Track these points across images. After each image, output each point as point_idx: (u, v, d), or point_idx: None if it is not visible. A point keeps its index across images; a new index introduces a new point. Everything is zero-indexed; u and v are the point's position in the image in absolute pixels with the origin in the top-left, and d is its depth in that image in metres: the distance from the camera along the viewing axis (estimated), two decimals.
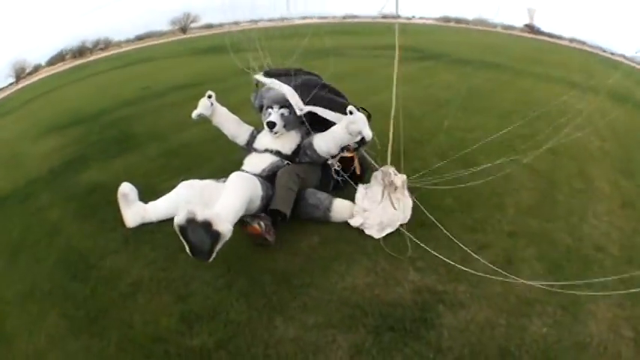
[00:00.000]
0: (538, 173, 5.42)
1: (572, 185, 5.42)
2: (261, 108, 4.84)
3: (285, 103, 4.59)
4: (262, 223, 3.86)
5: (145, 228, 4.23)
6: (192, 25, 43.74)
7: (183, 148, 6.52)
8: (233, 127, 4.93)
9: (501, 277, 3.48)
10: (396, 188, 4.23)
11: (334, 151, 4.41)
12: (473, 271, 3.57)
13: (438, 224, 4.03)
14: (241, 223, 3.73)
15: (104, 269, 3.75)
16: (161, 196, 4.40)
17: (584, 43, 38.73)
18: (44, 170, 6.23)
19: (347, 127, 4.09)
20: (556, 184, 5.33)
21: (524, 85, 11.73)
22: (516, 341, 3.04)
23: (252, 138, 4.84)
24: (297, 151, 4.62)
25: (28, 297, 3.54)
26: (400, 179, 4.27)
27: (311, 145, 4.46)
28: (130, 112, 9.56)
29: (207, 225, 3.13)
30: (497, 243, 4.12)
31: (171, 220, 3.36)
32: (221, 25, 37.84)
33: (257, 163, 4.47)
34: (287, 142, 4.63)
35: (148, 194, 4.41)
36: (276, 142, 4.61)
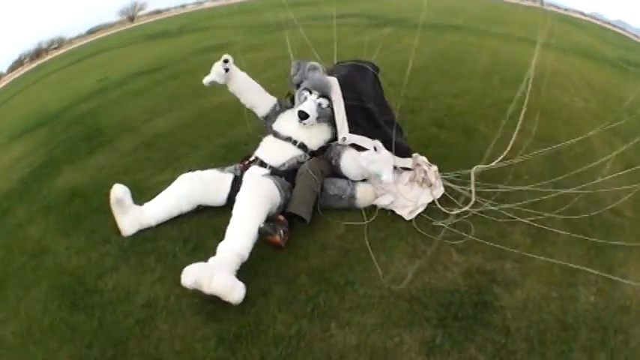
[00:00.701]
0: (541, 138, 4.87)
1: (574, 149, 5.10)
2: (298, 84, 4.15)
3: (326, 93, 3.97)
4: (282, 231, 3.32)
5: (143, 235, 3.54)
6: (140, 12, 42.40)
7: (160, 137, 5.73)
8: (254, 96, 4.19)
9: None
10: (430, 185, 3.92)
11: (358, 178, 3.88)
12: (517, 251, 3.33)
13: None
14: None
15: (107, 291, 3.05)
16: (151, 194, 3.74)
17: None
18: (14, 181, 5.35)
19: (366, 165, 3.57)
20: (559, 149, 4.85)
21: (492, 45, 11.50)
22: (572, 312, 2.93)
23: (274, 114, 4.15)
24: (325, 147, 4.01)
25: (28, 338, 2.80)
26: (433, 173, 3.98)
27: (339, 157, 3.84)
28: (92, 106, 8.54)
29: (216, 297, 2.73)
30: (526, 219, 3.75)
31: (172, 220, 3.31)
32: (168, 10, 36.94)
33: (276, 154, 3.85)
34: (315, 136, 3.99)
35: (135, 194, 3.68)
36: (302, 133, 3.94)
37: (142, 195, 3.79)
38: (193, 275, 2.69)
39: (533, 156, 4.31)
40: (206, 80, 4.01)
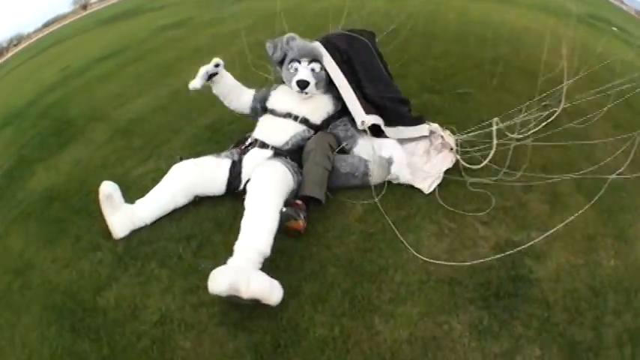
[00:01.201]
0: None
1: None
2: (281, 61, 3.70)
3: (316, 57, 3.58)
4: (302, 216, 2.93)
5: (138, 236, 3.05)
6: (92, 0, 40.72)
7: (135, 123, 5.13)
8: (236, 98, 3.79)
9: None
10: (451, 149, 3.54)
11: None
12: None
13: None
14: None
15: (110, 309, 2.56)
16: (137, 188, 3.37)
17: None
18: None
19: (379, 162, 3.31)
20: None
21: (460, 4, 10.86)
22: (598, 278, 2.77)
23: (262, 98, 3.73)
24: (329, 120, 3.60)
25: None
26: (449, 136, 3.65)
27: (354, 143, 3.51)
28: (58, 97, 7.74)
29: (255, 300, 2.31)
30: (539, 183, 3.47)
31: (168, 217, 3.05)
32: None
33: (277, 131, 3.42)
34: (317, 109, 3.58)
35: (121, 190, 3.14)
36: (303, 106, 3.54)
37: (127, 190, 3.27)
38: (226, 280, 2.28)
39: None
40: (191, 85, 3.51)
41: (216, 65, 3.51)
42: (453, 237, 2.97)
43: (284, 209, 2.80)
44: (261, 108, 3.70)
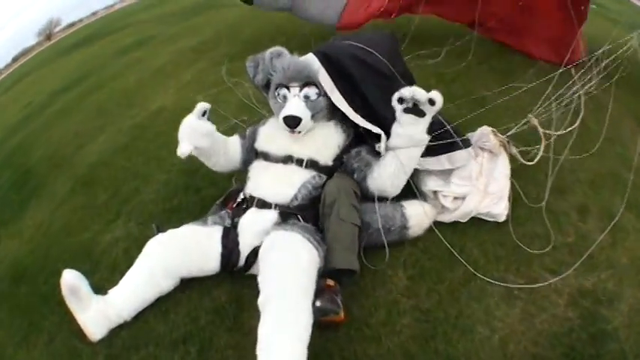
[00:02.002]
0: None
1: None
2: (266, 85, 2.68)
3: (309, 78, 2.53)
4: (339, 301, 2.08)
5: (120, 338, 2.16)
6: (57, 29, 39.29)
7: (96, 170, 4.11)
8: (223, 153, 2.68)
9: None
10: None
11: (397, 191, 2.48)
12: None
13: None
14: None
15: None
16: (107, 263, 2.66)
17: None
18: None
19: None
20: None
21: None
22: None
23: (252, 141, 2.71)
24: (342, 155, 2.57)
25: None
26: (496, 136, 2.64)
27: (369, 170, 2.46)
28: (19, 139, 6.75)
29: None
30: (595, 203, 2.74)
31: (152, 308, 2.22)
32: (81, 21, 34.03)
33: (279, 184, 2.44)
34: (325, 144, 2.55)
35: (88, 265, 2.54)
36: (306, 144, 2.53)
37: (96, 266, 2.62)
38: None
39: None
40: (181, 152, 2.46)
41: (204, 113, 2.52)
42: (524, 298, 2.16)
43: (317, 303, 1.97)
44: (250, 152, 2.72)
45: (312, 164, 2.47)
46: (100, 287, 2.26)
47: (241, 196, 2.51)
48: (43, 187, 4.34)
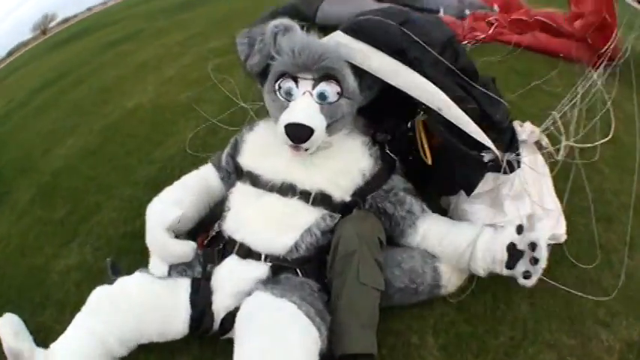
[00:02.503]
0: None
1: None
2: (263, 72, 1.83)
3: (331, 71, 1.70)
4: None
5: None
6: (52, 24, 38.51)
7: (59, 178, 3.52)
8: (204, 204, 1.98)
9: None
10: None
11: None
12: None
13: None
14: None
15: None
16: (57, 300, 2.14)
17: None
18: None
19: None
20: None
21: None
22: None
23: (232, 153, 1.98)
24: (366, 188, 1.78)
25: None
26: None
27: (411, 219, 1.76)
28: None
29: None
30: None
31: None
32: (75, 16, 33.28)
33: (273, 226, 1.69)
34: (344, 170, 1.76)
35: (37, 297, 2.15)
36: (313, 167, 1.76)
37: (46, 300, 2.16)
38: None
39: None
40: (156, 272, 1.76)
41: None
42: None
43: None
44: (234, 173, 1.97)
45: (323, 200, 1.71)
46: (48, 328, 1.95)
47: (215, 228, 1.82)
48: (8, 195, 3.73)
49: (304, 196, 1.70)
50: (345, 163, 1.77)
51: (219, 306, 1.63)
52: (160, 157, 2.80)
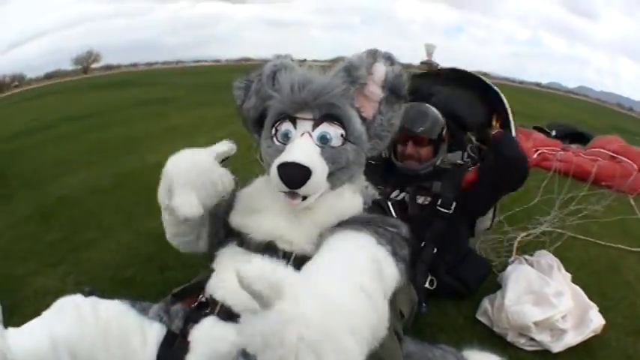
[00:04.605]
0: None
1: None
2: (259, 118, 1.56)
3: (335, 110, 1.43)
4: None
5: None
6: (94, 65, 39.57)
7: (62, 204, 3.59)
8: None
9: None
10: None
11: None
12: None
13: None
14: None
15: None
16: (26, 313, 1.63)
17: (487, 75, 36.93)
18: None
19: None
20: None
21: None
22: None
23: (223, 213, 1.60)
24: None
25: None
26: None
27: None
28: (13, 146, 6.24)
29: None
30: None
31: None
32: (119, 67, 34.39)
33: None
34: (324, 227, 1.44)
35: (6, 300, 1.87)
36: (295, 226, 1.45)
37: (15, 309, 2.03)
38: None
39: None
40: (186, 210, 1.45)
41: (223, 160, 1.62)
42: None
43: None
44: (224, 234, 1.63)
45: (305, 261, 1.26)
46: None
47: (205, 295, 1.54)
48: (8, 201, 3.82)
49: (286, 256, 1.43)
50: (328, 217, 1.46)
51: None
52: None
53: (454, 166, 2.45)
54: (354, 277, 1.10)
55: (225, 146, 1.60)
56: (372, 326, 1.06)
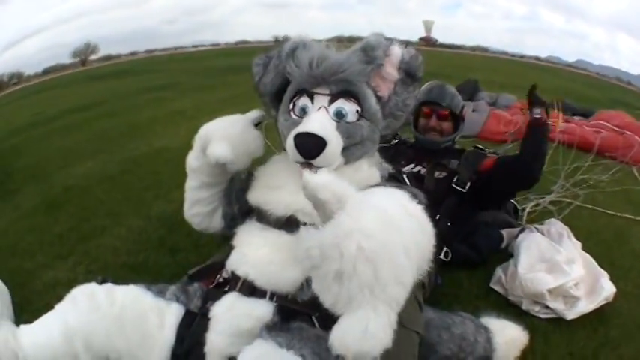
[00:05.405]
0: None
1: None
2: (277, 94, 1.59)
3: (351, 87, 1.46)
4: None
5: None
6: (92, 57, 39.22)
7: (70, 194, 3.49)
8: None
9: None
10: None
11: None
12: None
13: None
14: None
15: None
16: (36, 308, 1.73)
17: (486, 49, 36.29)
18: None
19: None
20: None
21: None
22: None
23: (242, 189, 1.64)
24: None
25: None
26: None
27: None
28: (17, 142, 6.17)
29: None
30: None
31: None
32: (119, 57, 34.20)
33: (279, 263, 1.40)
34: None
35: (15, 296, 1.80)
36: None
37: (26, 305, 1.99)
38: None
39: None
40: (219, 153, 1.52)
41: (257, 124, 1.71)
42: None
43: None
44: (239, 212, 1.67)
45: None
46: None
47: (223, 274, 1.56)
48: (14, 195, 3.74)
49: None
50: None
51: (212, 349, 1.37)
52: (180, 197, 2.72)
53: (475, 148, 2.55)
54: (401, 201, 1.13)
55: (256, 113, 1.70)
56: (422, 247, 1.09)
